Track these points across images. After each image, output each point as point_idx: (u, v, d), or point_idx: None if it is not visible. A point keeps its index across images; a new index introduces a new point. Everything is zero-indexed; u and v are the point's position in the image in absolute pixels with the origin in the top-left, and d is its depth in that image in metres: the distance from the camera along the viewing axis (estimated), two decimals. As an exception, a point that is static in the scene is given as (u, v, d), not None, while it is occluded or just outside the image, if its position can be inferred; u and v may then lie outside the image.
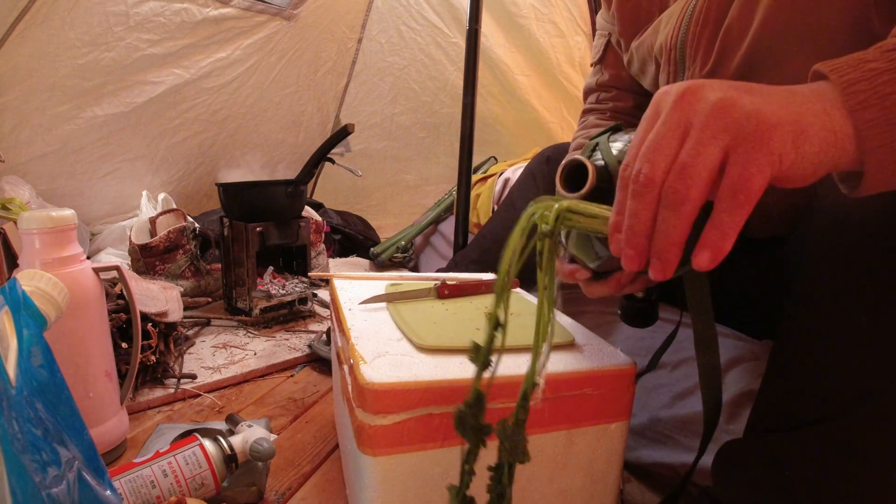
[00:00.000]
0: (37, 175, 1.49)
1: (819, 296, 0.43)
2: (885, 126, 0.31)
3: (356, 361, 0.45)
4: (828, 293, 0.43)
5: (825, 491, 0.40)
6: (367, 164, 2.20)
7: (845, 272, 0.41)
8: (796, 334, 0.45)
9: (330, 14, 2.02)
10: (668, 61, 0.65)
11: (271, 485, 0.63)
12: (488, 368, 0.37)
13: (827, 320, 0.42)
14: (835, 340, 0.41)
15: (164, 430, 0.71)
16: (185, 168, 1.87)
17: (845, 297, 0.41)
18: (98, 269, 0.64)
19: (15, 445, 0.34)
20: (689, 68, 0.62)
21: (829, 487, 0.40)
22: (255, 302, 1.14)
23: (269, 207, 1.18)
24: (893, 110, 0.31)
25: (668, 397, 0.66)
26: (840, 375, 0.40)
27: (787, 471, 0.42)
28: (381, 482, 0.43)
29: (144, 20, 1.52)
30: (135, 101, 1.60)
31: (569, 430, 0.47)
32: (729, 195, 0.32)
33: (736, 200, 0.32)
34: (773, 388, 0.46)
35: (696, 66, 0.61)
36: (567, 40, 2.06)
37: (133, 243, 1.30)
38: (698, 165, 0.31)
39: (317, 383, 0.91)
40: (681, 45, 0.62)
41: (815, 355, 0.42)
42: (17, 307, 0.39)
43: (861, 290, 0.40)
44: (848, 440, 0.39)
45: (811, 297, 0.44)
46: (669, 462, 0.62)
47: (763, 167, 0.31)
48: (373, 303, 0.60)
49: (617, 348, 0.51)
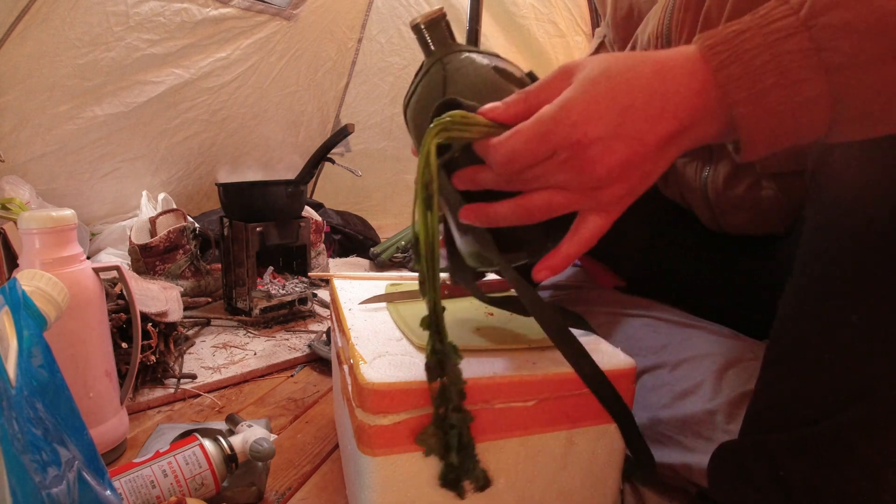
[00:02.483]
0: (37, 175, 1.49)
1: (810, 294, 0.43)
2: (745, 79, 0.33)
3: (356, 361, 0.45)
4: (818, 292, 0.43)
5: (820, 490, 0.40)
6: (367, 164, 2.20)
7: (836, 270, 0.41)
8: (788, 334, 0.45)
9: (330, 14, 2.02)
10: (656, 49, 0.66)
11: (271, 485, 0.63)
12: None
13: (818, 319, 0.42)
14: (826, 339, 0.41)
15: (164, 430, 0.71)
16: (185, 168, 1.87)
17: (836, 296, 0.41)
18: (98, 269, 0.64)
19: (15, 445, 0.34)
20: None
21: (824, 486, 0.40)
22: (255, 302, 1.14)
23: (269, 207, 1.18)
24: (751, 63, 0.32)
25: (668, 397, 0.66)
26: (832, 374, 0.40)
27: (782, 471, 0.42)
28: (381, 482, 0.43)
29: (144, 20, 1.52)
30: (135, 101, 1.60)
31: (569, 430, 0.47)
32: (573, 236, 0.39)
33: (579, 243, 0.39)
34: (767, 388, 0.46)
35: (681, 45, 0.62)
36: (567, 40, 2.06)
37: (133, 243, 1.30)
38: (543, 209, 0.38)
39: (317, 383, 0.91)
40: (666, 32, 0.63)
41: (808, 354, 0.42)
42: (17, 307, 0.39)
43: (851, 288, 0.40)
44: (842, 439, 0.39)
45: (802, 296, 0.44)
46: (669, 462, 0.62)
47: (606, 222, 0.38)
48: (373, 303, 0.60)
49: (617, 348, 0.51)
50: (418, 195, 0.38)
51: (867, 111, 0.33)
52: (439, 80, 0.44)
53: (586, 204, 0.38)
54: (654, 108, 0.35)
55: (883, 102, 0.33)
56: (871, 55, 0.31)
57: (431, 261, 0.38)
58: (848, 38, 0.32)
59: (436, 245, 0.38)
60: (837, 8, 0.32)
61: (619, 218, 0.40)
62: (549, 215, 0.38)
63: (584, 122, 0.35)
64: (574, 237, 0.39)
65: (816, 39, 0.32)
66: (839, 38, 0.32)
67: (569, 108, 0.35)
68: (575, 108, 0.35)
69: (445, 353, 0.39)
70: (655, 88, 0.35)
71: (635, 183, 0.37)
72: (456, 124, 0.37)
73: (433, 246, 0.38)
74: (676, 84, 0.35)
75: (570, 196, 0.37)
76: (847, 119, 0.33)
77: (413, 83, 0.47)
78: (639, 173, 0.36)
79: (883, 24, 0.31)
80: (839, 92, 0.32)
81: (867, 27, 0.31)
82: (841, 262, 0.41)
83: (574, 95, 0.35)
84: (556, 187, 0.37)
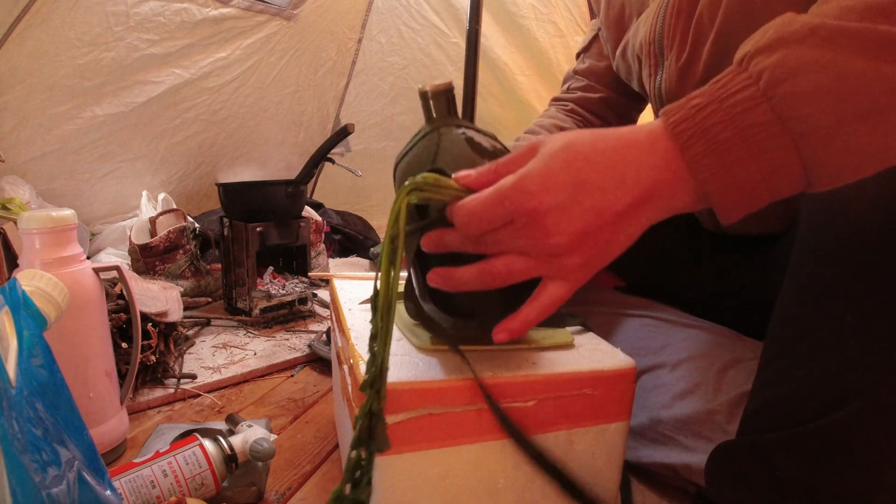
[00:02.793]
0: (37, 175, 1.49)
1: (806, 294, 0.43)
2: (712, 156, 0.33)
3: (356, 362, 0.45)
4: (813, 291, 0.43)
5: (817, 489, 0.40)
6: (367, 164, 2.20)
7: (831, 270, 0.41)
8: (784, 333, 0.45)
9: (330, 14, 2.02)
10: (648, 55, 0.67)
11: (271, 485, 0.63)
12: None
13: (814, 319, 0.42)
14: (822, 339, 0.41)
15: (164, 430, 0.71)
16: (185, 168, 1.86)
17: (832, 295, 0.41)
18: (98, 269, 0.64)
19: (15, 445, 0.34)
20: (668, 58, 0.64)
21: (821, 486, 0.40)
22: (255, 302, 1.14)
23: (269, 207, 1.18)
24: (716, 139, 0.33)
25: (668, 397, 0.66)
26: (828, 373, 0.40)
27: (779, 470, 0.42)
28: (381, 482, 0.43)
29: (144, 20, 1.52)
30: (135, 101, 1.60)
31: (569, 430, 0.47)
32: (533, 300, 0.40)
33: (539, 307, 0.40)
34: (763, 388, 0.46)
35: (672, 56, 0.63)
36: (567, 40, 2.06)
37: (133, 243, 1.30)
38: (503, 274, 0.39)
39: (317, 383, 0.91)
40: (658, 37, 0.63)
41: (803, 354, 0.42)
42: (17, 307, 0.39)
43: (845, 288, 0.40)
44: (837, 438, 0.39)
45: (798, 296, 0.44)
46: (669, 462, 0.62)
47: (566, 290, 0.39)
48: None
49: (617, 348, 0.51)
50: (384, 249, 0.39)
51: (843, 166, 0.33)
52: (432, 149, 0.45)
53: (546, 271, 0.39)
54: (611, 180, 0.36)
55: (857, 158, 0.33)
56: (836, 119, 0.32)
57: (387, 315, 0.39)
58: (810, 106, 0.32)
59: (393, 301, 0.39)
60: (797, 75, 0.32)
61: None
62: (510, 280, 0.39)
63: (540, 191, 0.36)
64: (534, 302, 0.40)
65: (778, 109, 0.32)
66: (801, 107, 0.32)
67: (527, 178, 0.37)
68: (533, 179, 0.37)
69: (381, 416, 0.39)
70: (614, 162, 0.36)
71: (593, 253, 0.38)
72: (429, 185, 0.39)
73: (391, 301, 0.39)
74: (636, 158, 0.36)
75: (529, 262, 0.38)
76: (824, 175, 0.34)
77: (408, 144, 0.48)
78: (596, 243, 0.37)
79: (845, 88, 0.31)
80: (809, 156, 0.33)
81: (829, 93, 0.31)
82: (836, 262, 0.41)
83: (533, 167, 0.37)
84: (516, 253, 0.38)
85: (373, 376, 0.38)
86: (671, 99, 0.65)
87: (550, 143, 0.38)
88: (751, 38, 0.35)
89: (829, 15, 0.33)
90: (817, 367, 0.41)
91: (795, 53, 0.32)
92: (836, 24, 0.32)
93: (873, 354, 0.38)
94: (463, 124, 0.47)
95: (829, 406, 0.39)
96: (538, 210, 0.36)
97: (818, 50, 0.32)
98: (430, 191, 0.39)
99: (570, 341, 0.51)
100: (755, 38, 0.34)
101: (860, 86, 0.31)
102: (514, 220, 0.37)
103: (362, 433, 0.38)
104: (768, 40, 0.33)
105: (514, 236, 0.38)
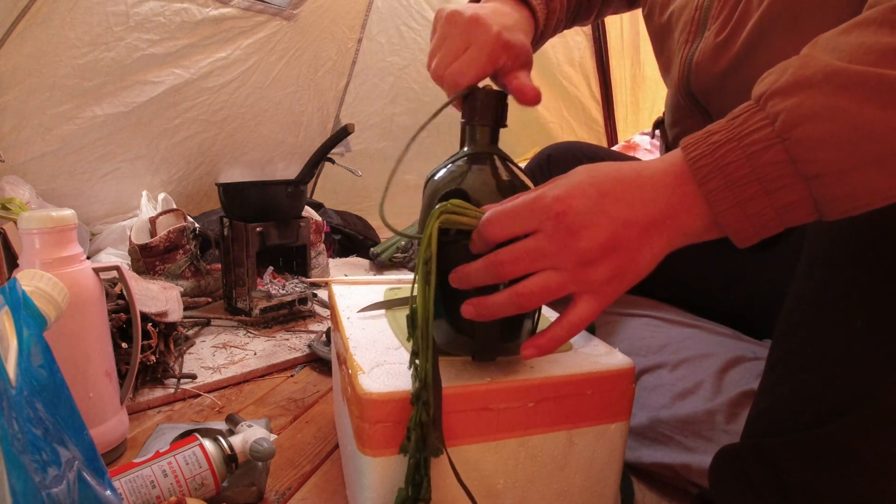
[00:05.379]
0: (37, 175, 1.48)
1: (814, 298, 0.43)
2: (727, 191, 0.35)
3: (354, 372, 0.45)
4: (823, 295, 0.43)
5: (822, 494, 0.40)
6: (367, 164, 2.20)
7: (840, 274, 0.42)
8: (791, 337, 0.45)
9: (330, 14, 2.02)
10: (690, 20, 0.66)
11: (271, 485, 0.63)
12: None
13: (822, 323, 0.42)
14: (829, 343, 0.41)
15: (164, 430, 0.71)
16: (185, 168, 1.86)
17: (841, 300, 0.41)
18: (98, 269, 0.64)
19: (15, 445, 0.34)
20: (710, 28, 0.64)
21: (826, 491, 0.40)
22: (255, 302, 1.14)
23: (269, 207, 1.18)
24: (732, 176, 0.35)
25: (668, 397, 0.66)
26: (834, 378, 0.40)
27: (784, 474, 0.42)
28: (381, 482, 0.43)
29: (144, 20, 1.52)
30: (135, 101, 1.60)
31: (569, 431, 0.47)
32: (564, 317, 0.40)
33: (569, 324, 0.40)
34: (769, 391, 0.46)
35: (714, 28, 0.63)
36: (567, 40, 2.06)
37: (133, 243, 1.30)
38: (538, 293, 0.39)
39: (317, 383, 0.91)
40: (707, 6, 0.63)
41: (811, 358, 0.42)
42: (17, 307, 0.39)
43: (856, 293, 0.40)
44: (844, 443, 0.39)
45: (806, 299, 0.44)
46: (669, 462, 0.62)
47: (598, 306, 0.40)
48: (371, 310, 0.60)
49: (616, 348, 0.51)
50: (418, 271, 0.41)
51: (854, 203, 0.34)
52: (464, 172, 0.47)
53: (578, 286, 0.39)
54: (631, 195, 0.38)
55: (868, 196, 0.34)
56: (849, 165, 0.33)
57: (426, 332, 0.40)
58: (824, 151, 0.33)
59: (430, 318, 0.40)
60: (812, 120, 0.33)
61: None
62: (546, 299, 0.39)
63: (567, 197, 0.38)
64: (564, 318, 0.41)
65: (791, 152, 0.33)
66: (815, 150, 0.33)
67: (555, 187, 0.39)
68: (558, 186, 0.39)
69: (429, 426, 0.40)
70: (636, 184, 0.38)
71: (620, 265, 0.39)
72: (457, 207, 0.41)
73: (428, 319, 0.40)
74: (653, 179, 0.38)
75: (563, 276, 0.39)
76: (836, 210, 0.35)
77: (447, 160, 0.50)
78: (624, 256, 0.38)
79: (859, 136, 0.32)
80: (820, 195, 0.34)
81: (843, 139, 0.32)
82: (846, 266, 0.41)
83: (559, 181, 0.40)
84: (549, 269, 0.39)
85: (417, 390, 0.41)
86: (698, 72, 0.65)
87: (573, 171, 0.40)
88: (770, 73, 0.36)
89: (847, 53, 0.33)
90: (825, 370, 0.41)
91: (810, 100, 0.33)
92: (852, 69, 0.32)
93: (882, 359, 0.38)
94: (504, 156, 0.49)
95: (836, 411, 0.39)
96: (566, 213, 0.37)
97: (833, 97, 0.33)
98: (456, 214, 0.41)
99: (569, 345, 0.51)
100: (774, 76, 0.35)
101: (873, 133, 0.32)
102: (541, 226, 0.38)
103: (417, 443, 0.40)
104: (786, 82, 0.34)
105: (540, 244, 0.38)
